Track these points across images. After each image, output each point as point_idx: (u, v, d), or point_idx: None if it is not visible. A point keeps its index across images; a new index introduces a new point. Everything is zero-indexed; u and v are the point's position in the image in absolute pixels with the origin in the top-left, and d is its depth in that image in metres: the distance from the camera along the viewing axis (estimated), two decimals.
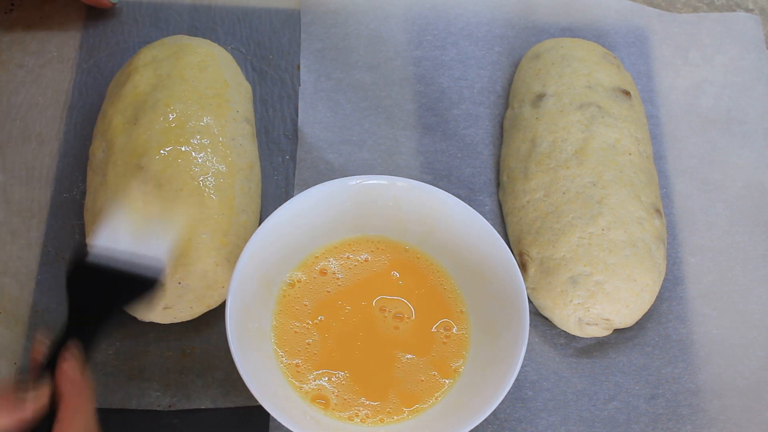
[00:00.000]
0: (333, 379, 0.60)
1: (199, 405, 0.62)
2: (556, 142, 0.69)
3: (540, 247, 0.67)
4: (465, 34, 0.79)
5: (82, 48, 0.76)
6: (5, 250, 0.67)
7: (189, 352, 0.64)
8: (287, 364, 0.60)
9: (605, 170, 0.68)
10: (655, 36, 0.81)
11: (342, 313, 0.62)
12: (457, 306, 0.63)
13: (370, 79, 0.77)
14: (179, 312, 0.63)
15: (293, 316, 0.61)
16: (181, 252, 0.62)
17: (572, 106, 0.70)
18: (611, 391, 0.65)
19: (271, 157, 0.73)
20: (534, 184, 0.69)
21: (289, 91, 0.76)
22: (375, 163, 0.73)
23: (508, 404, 0.64)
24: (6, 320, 0.64)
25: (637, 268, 0.65)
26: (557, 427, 0.64)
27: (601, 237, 0.65)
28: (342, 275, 0.64)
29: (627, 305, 0.65)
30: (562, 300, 0.65)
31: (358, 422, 0.58)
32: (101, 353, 0.64)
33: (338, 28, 0.79)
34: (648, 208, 0.67)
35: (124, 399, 0.62)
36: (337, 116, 0.75)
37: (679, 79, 0.79)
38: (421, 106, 0.76)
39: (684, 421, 0.64)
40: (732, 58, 0.80)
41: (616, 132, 0.69)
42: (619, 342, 0.67)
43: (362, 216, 0.64)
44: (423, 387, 0.60)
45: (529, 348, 0.66)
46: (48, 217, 0.68)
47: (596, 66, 0.73)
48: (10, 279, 0.66)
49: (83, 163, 0.70)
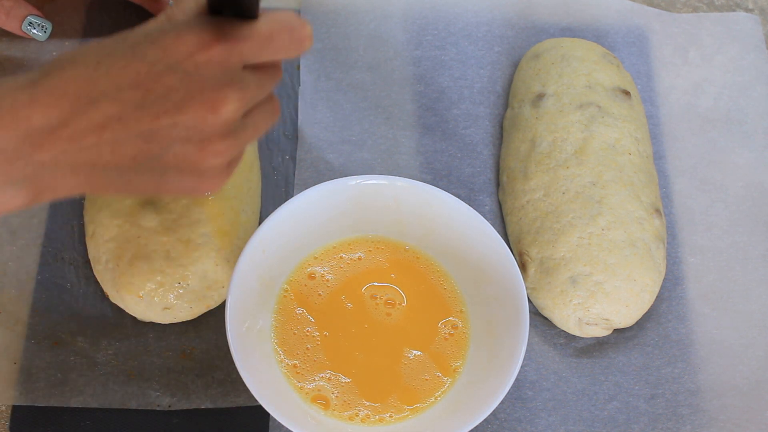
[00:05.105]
0: (333, 379, 0.60)
1: (199, 405, 0.62)
2: (555, 142, 0.69)
3: (540, 247, 0.67)
4: (465, 34, 0.79)
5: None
6: (5, 250, 0.67)
7: (189, 352, 0.64)
8: (287, 364, 0.60)
9: (605, 170, 0.68)
10: (655, 36, 0.81)
11: (341, 312, 0.62)
12: (456, 306, 0.63)
13: (369, 79, 0.77)
14: (179, 312, 0.63)
15: (293, 316, 0.62)
16: (181, 252, 0.62)
17: (572, 106, 0.70)
18: (611, 391, 0.65)
19: (271, 157, 0.73)
20: (534, 184, 0.69)
21: (289, 91, 0.76)
22: (375, 163, 0.73)
23: (508, 404, 0.64)
24: (6, 320, 0.64)
25: (637, 268, 0.65)
26: (557, 426, 0.64)
27: (600, 237, 0.65)
28: (341, 275, 0.64)
29: (627, 305, 0.65)
30: (561, 300, 0.65)
31: (359, 422, 0.59)
32: (101, 353, 0.64)
33: (338, 28, 0.79)
34: (648, 208, 0.67)
35: (124, 399, 0.62)
36: (336, 116, 0.75)
37: (678, 78, 0.79)
38: (421, 106, 0.76)
39: (684, 420, 0.64)
40: (732, 58, 0.80)
41: (616, 132, 0.69)
42: (619, 342, 0.67)
43: (362, 216, 0.64)
44: (424, 386, 0.60)
45: (529, 348, 0.66)
46: (48, 217, 0.68)
47: (596, 66, 0.73)
48: (10, 279, 0.66)
49: None
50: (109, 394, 0.62)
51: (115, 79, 0.43)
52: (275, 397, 0.57)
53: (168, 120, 0.44)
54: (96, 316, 0.65)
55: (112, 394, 0.62)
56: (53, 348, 0.64)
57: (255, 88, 0.46)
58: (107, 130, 0.43)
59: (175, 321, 0.64)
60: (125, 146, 0.44)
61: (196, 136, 0.45)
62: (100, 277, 0.64)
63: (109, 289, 0.64)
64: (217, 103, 0.44)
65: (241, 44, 0.44)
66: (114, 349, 0.64)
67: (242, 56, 0.45)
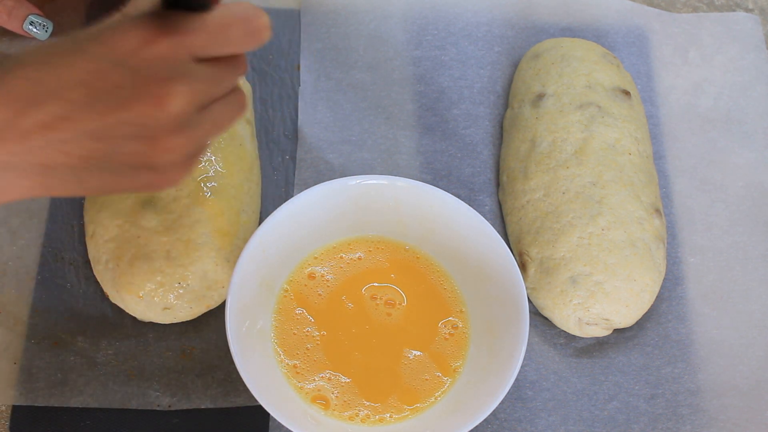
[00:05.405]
0: (333, 379, 0.60)
1: (199, 405, 0.62)
2: (555, 142, 0.69)
3: (540, 247, 0.67)
4: (464, 34, 0.79)
5: None
6: (5, 250, 0.67)
7: (189, 352, 0.64)
8: (287, 364, 0.60)
9: (605, 170, 0.68)
10: (655, 36, 0.81)
11: (341, 312, 0.62)
12: (456, 306, 0.63)
13: (369, 79, 0.77)
14: (179, 312, 0.63)
15: (293, 316, 0.61)
16: (181, 252, 0.62)
17: (572, 106, 0.70)
18: (611, 391, 0.65)
19: (271, 157, 0.73)
20: (534, 184, 0.69)
21: (288, 91, 0.76)
22: (375, 163, 0.73)
23: (508, 404, 0.64)
24: (6, 320, 0.64)
25: (637, 268, 0.65)
26: (557, 426, 0.64)
27: (600, 237, 0.65)
28: (341, 275, 0.64)
29: (627, 305, 0.65)
30: (561, 300, 0.65)
31: (359, 422, 0.59)
32: (101, 353, 0.64)
33: (338, 28, 0.79)
34: (648, 208, 0.67)
35: (124, 399, 0.62)
36: (336, 116, 0.75)
37: (678, 78, 0.79)
38: (421, 106, 0.76)
39: (684, 420, 0.64)
40: (732, 58, 0.80)
41: (616, 132, 0.69)
42: (619, 342, 0.67)
43: (362, 216, 0.64)
44: (424, 386, 0.60)
45: (529, 348, 0.66)
46: (48, 217, 0.68)
47: (596, 66, 0.73)
48: (10, 279, 0.66)
49: None
50: (109, 394, 0.62)
51: (61, 77, 0.42)
52: (275, 397, 0.57)
53: (115, 117, 0.43)
54: (96, 316, 0.65)
55: (112, 394, 0.62)
56: (53, 348, 0.64)
57: (208, 81, 0.45)
58: (55, 130, 0.43)
59: (175, 321, 0.64)
60: (74, 146, 0.43)
61: (145, 132, 0.44)
62: (100, 277, 0.64)
63: (109, 289, 0.64)
64: (163, 98, 0.43)
65: (188, 37, 0.43)
66: (114, 349, 0.64)
67: (191, 49, 0.44)
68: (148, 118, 0.43)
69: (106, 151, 0.44)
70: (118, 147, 0.44)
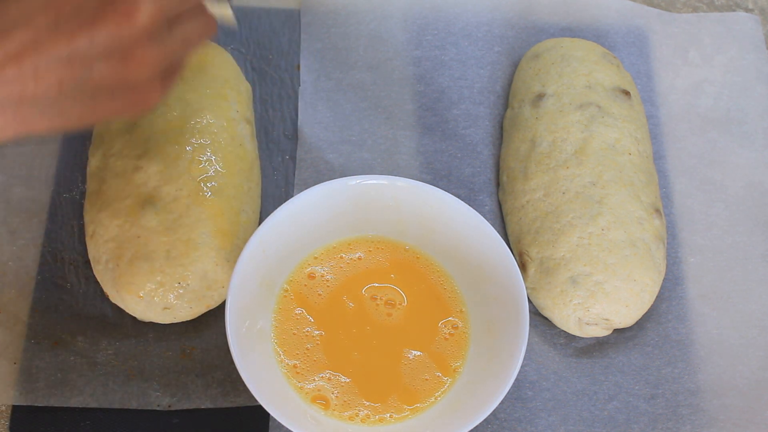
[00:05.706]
0: (333, 379, 0.60)
1: (199, 405, 0.62)
2: (555, 142, 0.69)
3: (540, 247, 0.67)
4: (465, 34, 0.79)
5: None
6: (5, 250, 0.67)
7: (189, 352, 0.64)
8: (287, 364, 0.60)
9: (605, 170, 0.68)
10: (655, 36, 0.81)
11: (341, 312, 0.62)
12: (456, 306, 0.63)
13: (369, 79, 0.77)
14: (179, 312, 0.63)
15: (293, 316, 0.61)
16: (181, 252, 0.62)
17: (572, 106, 0.70)
18: (611, 391, 0.65)
19: (271, 157, 0.73)
20: (534, 184, 0.69)
21: (288, 91, 0.76)
22: (375, 163, 0.73)
23: (508, 404, 0.64)
24: (6, 320, 0.64)
25: (637, 268, 0.65)
26: (557, 426, 0.64)
27: (600, 237, 0.65)
28: (341, 275, 0.64)
29: (627, 305, 0.65)
30: (561, 300, 0.65)
31: (359, 422, 0.59)
32: (101, 353, 0.64)
33: (338, 28, 0.79)
34: (648, 208, 0.67)
35: (124, 399, 0.62)
36: (336, 116, 0.75)
37: (678, 78, 0.79)
38: (421, 106, 0.76)
39: (684, 420, 0.64)
40: (732, 58, 0.80)
41: (616, 132, 0.69)
42: (619, 342, 0.67)
43: (362, 216, 0.64)
44: (424, 386, 0.60)
45: (529, 348, 0.66)
46: (48, 217, 0.68)
47: (596, 66, 0.73)
48: (10, 278, 0.66)
49: (83, 164, 0.70)
50: (109, 394, 0.62)
51: (23, 5, 0.42)
52: (275, 397, 0.57)
53: (84, 38, 0.42)
54: (96, 316, 0.65)
55: (112, 394, 0.62)
56: (53, 348, 0.64)
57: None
58: (25, 58, 0.42)
59: (175, 321, 0.64)
60: (47, 73, 0.42)
61: (116, 49, 0.43)
62: (100, 277, 0.64)
63: (109, 289, 0.64)
64: (131, 10, 0.43)
65: None
66: (114, 349, 0.64)
67: None
68: (118, 32, 0.43)
69: (80, 74, 0.43)
70: (91, 68, 0.43)
